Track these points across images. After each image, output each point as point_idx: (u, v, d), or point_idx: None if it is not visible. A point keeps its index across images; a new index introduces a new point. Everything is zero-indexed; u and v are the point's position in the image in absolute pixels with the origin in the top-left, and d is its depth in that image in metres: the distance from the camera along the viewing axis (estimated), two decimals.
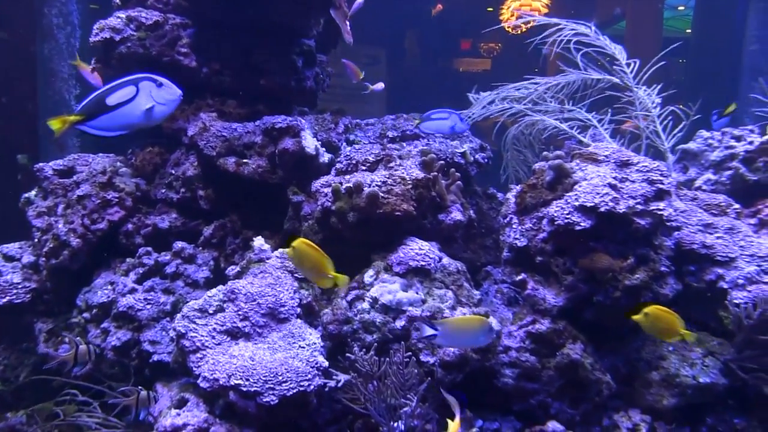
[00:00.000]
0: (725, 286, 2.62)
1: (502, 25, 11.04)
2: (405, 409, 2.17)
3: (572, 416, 2.51)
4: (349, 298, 2.49)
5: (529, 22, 11.51)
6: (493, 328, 2.18)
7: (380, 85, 5.03)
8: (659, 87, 3.44)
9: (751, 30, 6.54)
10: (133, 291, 2.85)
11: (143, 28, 3.21)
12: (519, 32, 11.01)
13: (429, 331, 2.05)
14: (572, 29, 3.43)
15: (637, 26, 10.24)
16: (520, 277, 2.62)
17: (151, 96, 2.17)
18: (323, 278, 2.14)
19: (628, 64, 3.49)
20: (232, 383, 2.18)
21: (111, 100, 2.10)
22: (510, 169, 3.81)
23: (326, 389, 2.27)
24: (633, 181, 2.57)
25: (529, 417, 2.50)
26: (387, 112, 3.63)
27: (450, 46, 12.16)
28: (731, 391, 2.57)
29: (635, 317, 2.24)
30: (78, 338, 2.63)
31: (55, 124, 2.07)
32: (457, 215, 2.68)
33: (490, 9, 11.43)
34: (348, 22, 3.55)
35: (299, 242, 2.11)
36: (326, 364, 2.30)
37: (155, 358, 2.70)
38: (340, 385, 2.23)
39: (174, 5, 3.30)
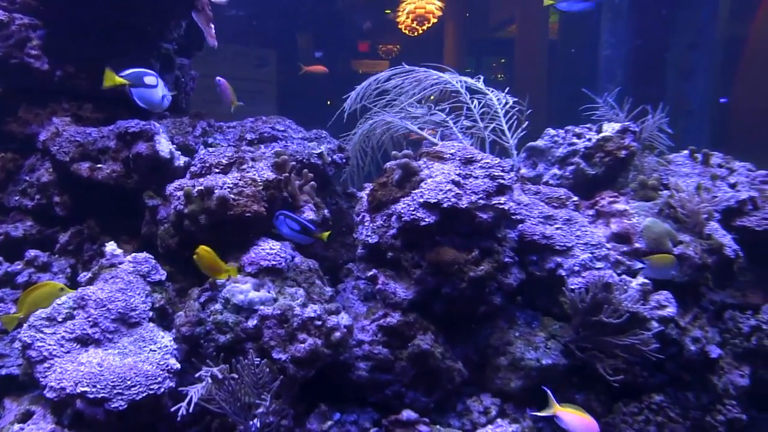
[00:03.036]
0: (563, 273, 2.80)
1: (399, 26, 11.28)
2: (260, 409, 2.21)
3: (426, 404, 2.62)
4: (201, 299, 2.49)
5: (424, 24, 11.77)
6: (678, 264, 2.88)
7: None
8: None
9: (604, 36, 7.09)
10: None
11: None
12: (416, 34, 11.29)
13: (639, 264, 2.76)
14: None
15: (526, 29, 10.75)
16: (371, 273, 2.71)
17: (165, 87, 2.78)
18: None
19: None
20: (79, 391, 2.14)
21: (147, 81, 2.70)
22: (351, 168, 3.93)
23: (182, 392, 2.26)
24: (476, 178, 2.71)
25: (386, 407, 2.59)
26: (278, 113, 3.64)
27: (347, 48, 12.25)
28: (573, 369, 2.75)
29: (195, 257, 2.41)
30: None
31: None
32: (309, 215, 2.74)
33: (388, 11, 11.61)
34: (212, 25, 3.54)
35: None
36: (178, 366, 2.29)
37: (3, 372, 2.61)
38: (193, 403, 2.21)
39: (21, 4, 3.16)
